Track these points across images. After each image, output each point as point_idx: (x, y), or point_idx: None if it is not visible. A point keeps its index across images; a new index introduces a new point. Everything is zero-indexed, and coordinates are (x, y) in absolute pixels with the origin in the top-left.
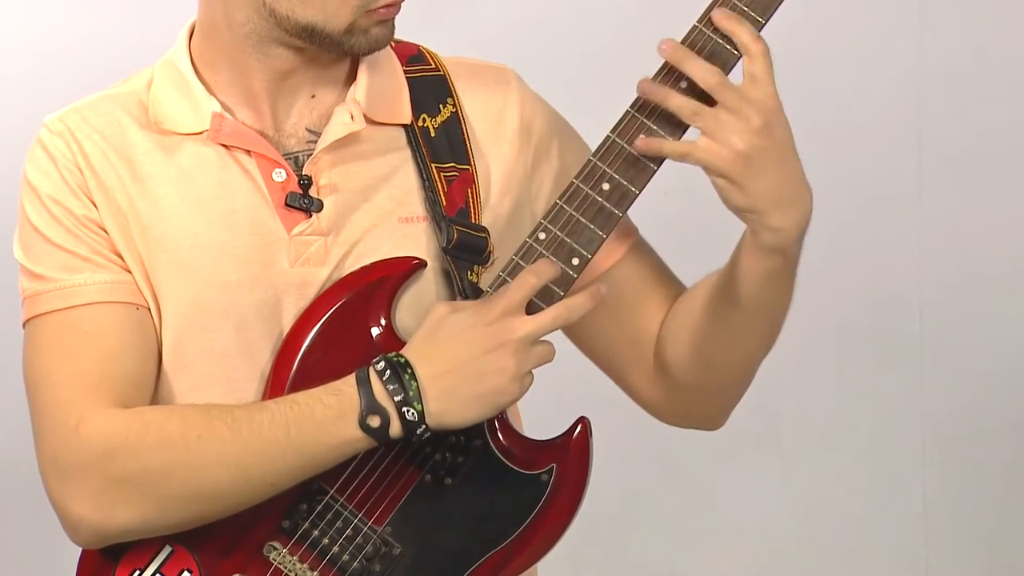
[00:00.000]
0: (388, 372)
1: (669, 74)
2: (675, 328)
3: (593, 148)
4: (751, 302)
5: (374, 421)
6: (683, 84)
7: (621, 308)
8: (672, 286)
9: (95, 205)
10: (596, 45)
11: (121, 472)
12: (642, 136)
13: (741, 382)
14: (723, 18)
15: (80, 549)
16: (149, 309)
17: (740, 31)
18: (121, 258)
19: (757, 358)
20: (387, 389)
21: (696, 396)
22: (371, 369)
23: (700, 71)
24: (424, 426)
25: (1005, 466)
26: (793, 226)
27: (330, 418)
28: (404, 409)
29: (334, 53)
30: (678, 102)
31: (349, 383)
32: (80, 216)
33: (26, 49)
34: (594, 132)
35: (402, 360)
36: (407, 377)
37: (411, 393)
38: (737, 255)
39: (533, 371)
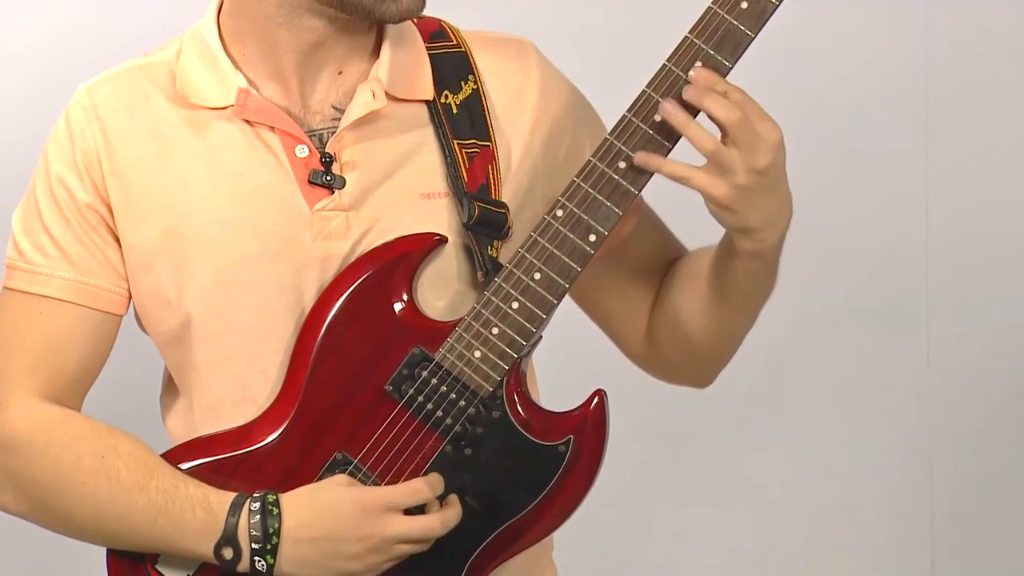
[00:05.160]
0: (259, 516)
1: (666, 78)
2: (662, 308)
3: (609, 126)
4: (732, 295)
5: (227, 553)
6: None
7: (624, 280)
8: (674, 255)
9: (106, 189)
10: (614, 25)
11: (14, 468)
12: (642, 152)
13: (725, 355)
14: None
15: None
16: (117, 315)
17: (709, 104)
18: (118, 242)
19: (740, 335)
20: (250, 533)
21: (682, 364)
22: (247, 502)
23: (722, 110)
24: None
25: (1011, 431)
26: (776, 237)
27: (193, 529)
28: (256, 557)
29: (365, 21)
30: (696, 132)
31: (224, 504)
32: (80, 202)
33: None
34: (611, 112)
35: (276, 511)
36: (272, 529)
37: (269, 546)
38: (718, 256)
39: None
